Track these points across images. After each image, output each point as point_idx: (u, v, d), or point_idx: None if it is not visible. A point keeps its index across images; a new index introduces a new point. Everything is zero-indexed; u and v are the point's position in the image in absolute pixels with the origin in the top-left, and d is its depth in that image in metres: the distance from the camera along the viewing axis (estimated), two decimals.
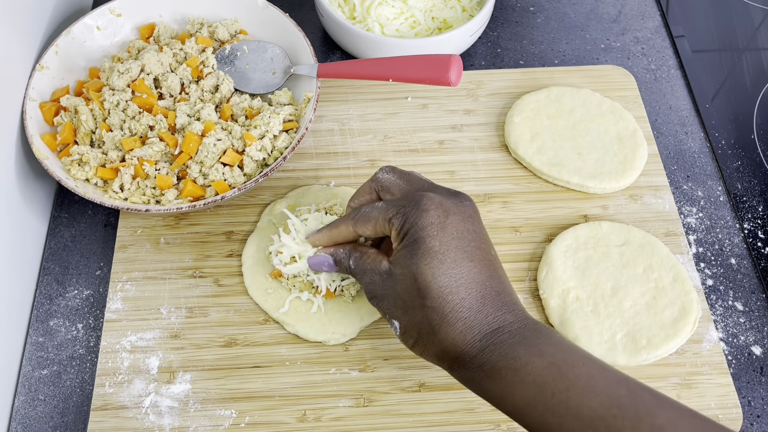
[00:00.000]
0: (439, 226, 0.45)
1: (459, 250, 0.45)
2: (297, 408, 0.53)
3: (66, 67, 0.65)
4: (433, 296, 0.44)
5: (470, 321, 0.44)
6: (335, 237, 0.52)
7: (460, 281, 0.44)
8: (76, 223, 0.62)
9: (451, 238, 0.45)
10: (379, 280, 0.47)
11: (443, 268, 0.44)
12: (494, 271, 0.46)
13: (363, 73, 0.61)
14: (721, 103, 0.72)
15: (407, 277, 0.45)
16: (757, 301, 0.59)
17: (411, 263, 0.45)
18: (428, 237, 0.45)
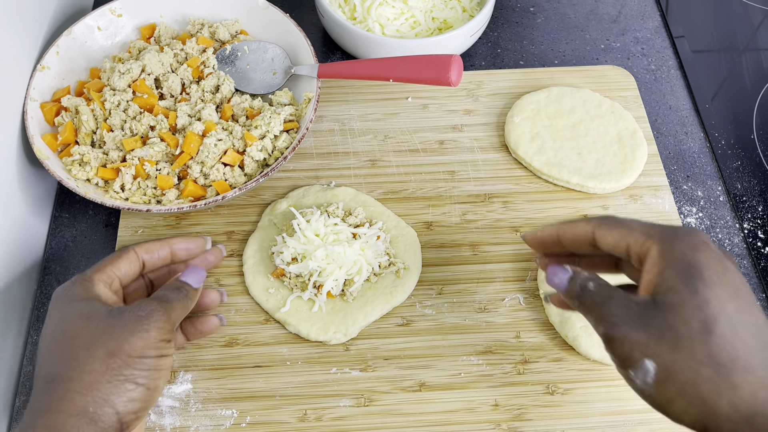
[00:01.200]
0: (721, 264, 0.38)
1: (745, 294, 0.37)
2: (298, 408, 0.53)
3: (67, 67, 0.65)
4: (724, 332, 0.36)
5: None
6: (565, 231, 0.44)
7: (755, 325, 0.37)
8: (77, 223, 0.62)
9: (737, 280, 0.38)
10: (635, 308, 0.38)
11: (735, 305, 0.36)
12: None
13: (363, 73, 0.62)
14: (720, 103, 0.72)
15: (688, 304, 0.37)
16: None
17: (696, 289, 0.37)
18: (712, 268, 0.37)
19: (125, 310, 0.44)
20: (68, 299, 0.45)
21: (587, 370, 0.55)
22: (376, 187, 0.64)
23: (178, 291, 0.47)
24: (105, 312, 0.44)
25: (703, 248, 0.38)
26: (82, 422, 0.39)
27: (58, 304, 0.46)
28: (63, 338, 0.43)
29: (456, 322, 0.57)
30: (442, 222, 0.62)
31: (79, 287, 0.46)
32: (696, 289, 0.37)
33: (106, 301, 0.46)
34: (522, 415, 0.53)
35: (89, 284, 0.46)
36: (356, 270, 0.55)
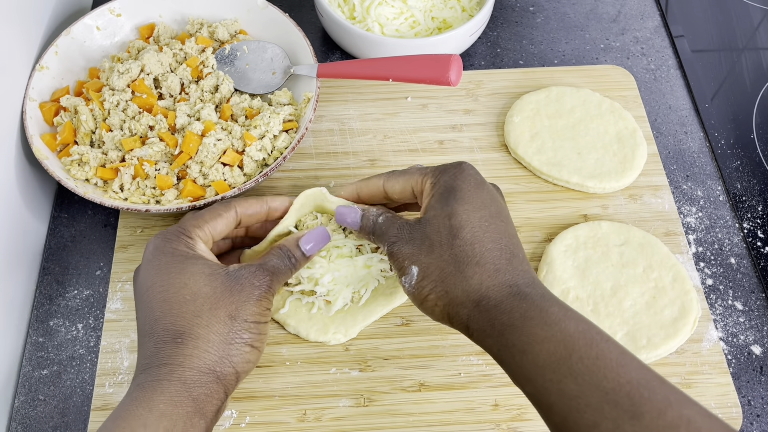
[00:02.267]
0: (477, 185, 0.47)
1: (492, 208, 0.46)
2: (297, 408, 0.53)
3: (66, 67, 0.65)
4: (465, 236, 0.44)
5: (500, 266, 0.43)
6: (362, 188, 0.53)
7: (492, 231, 0.45)
8: (76, 223, 0.62)
9: (487, 197, 0.46)
10: (407, 227, 0.47)
11: (477, 215, 0.45)
12: (519, 242, 0.47)
13: (363, 73, 0.61)
14: (720, 102, 0.72)
15: (439, 216, 0.45)
16: (757, 300, 0.60)
17: (446, 204, 0.46)
18: (466, 188, 0.46)
19: (241, 276, 0.46)
20: (180, 255, 0.46)
21: None
22: None
23: (288, 260, 0.49)
24: (224, 274, 0.45)
25: (462, 176, 0.47)
26: (210, 379, 0.42)
27: (167, 256, 0.46)
28: (185, 292, 0.44)
29: None
30: None
31: (183, 245, 0.47)
32: (447, 204, 0.46)
33: (211, 260, 0.47)
34: (522, 415, 0.53)
35: (192, 242, 0.47)
36: (363, 285, 0.55)
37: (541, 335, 0.40)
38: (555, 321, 0.40)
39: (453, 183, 0.47)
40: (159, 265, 0.45)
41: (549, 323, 0.40)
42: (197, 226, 0.48)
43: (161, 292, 0.44)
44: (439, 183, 0.47)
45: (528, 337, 0.40)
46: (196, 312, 0.43)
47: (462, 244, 0.44)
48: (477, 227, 0.44)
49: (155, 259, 0.46)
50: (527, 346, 0.40)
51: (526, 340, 0.40)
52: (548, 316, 0.40)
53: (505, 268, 0.44)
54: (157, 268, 0.45)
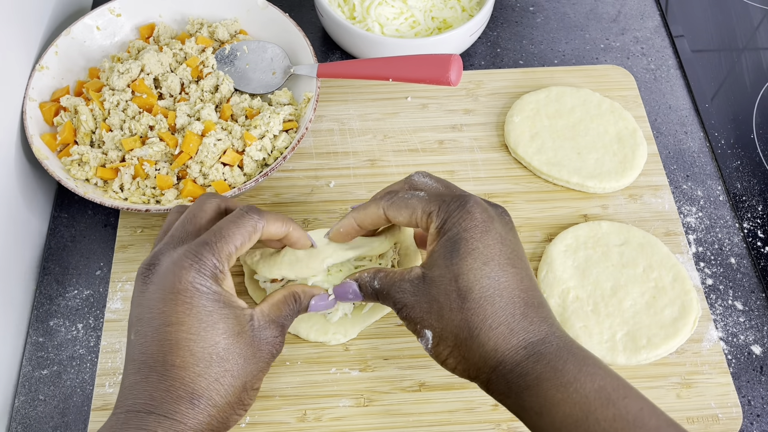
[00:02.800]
0: (484, 229, 0.43)
1: (502, 255, 0.43)
2: (297, 408, 0.53)
3: (66, 67, 0.65)
4: (475, 297, 0.42)
5: (514, 326, 0.41)
6: (361, 219, 0.48)
7: (504, 285, 0.42)
8: (76, 223, 0.62)
9: (495, 242, 0.43)
10: (410, 288, 0.44)
11: (486, 270, 0.42)
12: (534, 282, 0.44)
13: (363, 73, 0.62)
14: (720, 102, 0.72)
15: (445, 277, 0.43)
16: (757, 300, 0.60)
17: (452, 263, 0.43)
18: (472, 238, 0.43)
19: (264, 340, 0.43)
20: (213, 301, 0.41)
21: None
22: (376, 186, 0.64)
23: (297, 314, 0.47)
24: (250, 334, 0.43)
25: (467, 222, 0.43)
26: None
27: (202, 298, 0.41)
28: (212, 352, 0.41)
29: None
30: None
31: (216, 283, 0.42)
32: (452, 262, 0.43)
33: (240, 303, 0.43)
34: None
35: (223, 277, 0.43)
36: None
37: (556, 398, 0.39)
38: (570, 381, 0.39)
39: (458, 233, 0.43)
40: (192, 305, 0.41)
41: (564, 384, 0.39)
42: (230, 256, 0.43)
43: (187, 340, 0.40)
44: (443, 231, 0.44)
45: (544, 400, 0.39)
46: (218, 377, 0.41)
47: (473, 306, 0.42)
48: (486, 285, 0.42)
49: (188, 296, 0.41)
50: (543, 408, 0.39)
51: (542, 403, 0.39)
52: (563, 376, 0.39)
53: (519, 326, 0.42)
54: (188, 306, 0.41)
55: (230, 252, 0.43)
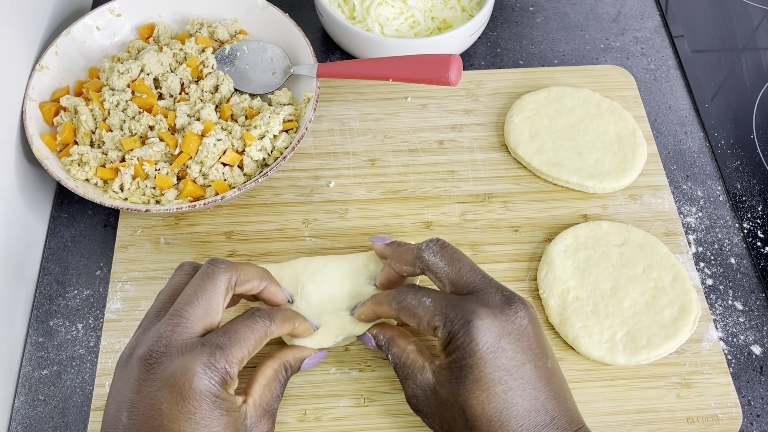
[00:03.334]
0: (490, 353, 0.42)
1: (512, 378, 0.42)
2: (297, 408, 0.53)
3: (66, 67, 0.65)
4: (483, 429, 0.41)
5: None
6: (379, 313, 0.50)
7: (512, 413, 0.41)
8: (76, 223, 0.62)
9: (503, 364, 0.42)
10: (422, 396, 0.45)
11: (494, 401, 0.41)
12: (551, 392, 0.43)
13: (363, 73, 0.62)
14: (720, 102, 0.72)
15: (454, 406, 0.43)
16: (757, 300, 0.60)
17: (458, 392, 0.42)
18: (476, 365, 0.42)
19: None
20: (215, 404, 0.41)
21: (587, 370, 0.55)
22: (376, 186, 0.64)
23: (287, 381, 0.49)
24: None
25: (471, 346, 0.42)
26: None
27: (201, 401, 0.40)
28: None
29: None
30: (441, 222, 0.62)
31: (223, 387, 0.42)
32: (458, 393, 0.42)
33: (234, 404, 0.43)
34: None
35: (232, 383, 0.43)
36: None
37: None
38: None
39: (463, 360, 0.42)
40: (194, 413, 0.40)
41: None
42: (242, 361, 0.43)
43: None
44: (448, 351, 0.43)
45: None
46: None
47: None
48: (493, 413, 0.41)
49: (194, 404, 0.40)
50: None
51: None
52: None
53: None
54: (191, 414, 0.40)
55: (242, 357, 0.43)
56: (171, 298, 0.45)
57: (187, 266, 0.47)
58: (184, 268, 0.47)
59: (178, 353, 0.41)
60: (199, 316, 0.43)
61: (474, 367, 0.42)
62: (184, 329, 0.43)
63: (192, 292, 0.44)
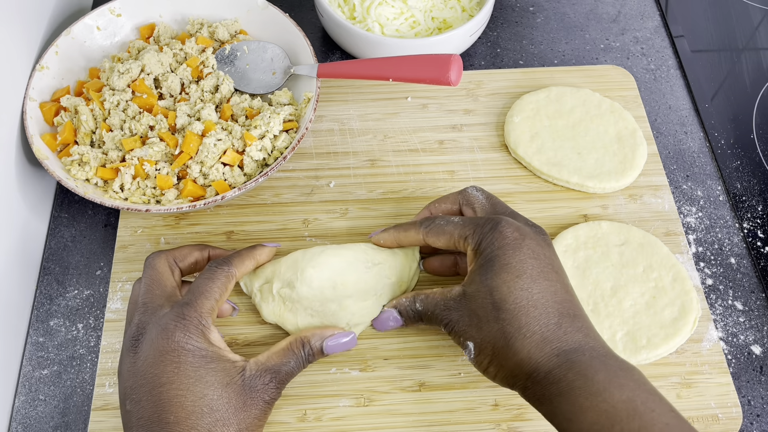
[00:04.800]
0: (515, 246, 0.46)
1: (535, 269, 0.46)
2: (297, 408, 0.53)
3: (66, 67, 0.65)
4: (509, 308, 0.44)
5: (547, 335, 0.44)
6: (401, 239, 0.53)
7: (537, 297, 0.45)
8: (77, 223, 0.62)
9: (527, 257, 0.46)
10: (453, 305, 0.48)
11: (519, 283, 0.45)
12: (570, 295, 0.47)
13: (363, 73, 0.62)
14: (720, 102, 0.72)
15: (482, 292, 0.46)
16: (757, 300, 0.60)
17: (486, 278, 0.46)
18: (504, 255, 0.46)
19: (255, 388, 0.45)
20: (201, 357, 0.44)
21: None
22: (376, 186, 0.64)
23: (306, 361, 0.49)
24: (240, 384, 0.45)
25: (500, 241, 0.47)
26: None
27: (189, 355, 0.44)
28: (202, 404, 0.43)
29: None
30: None
31: (203, 340, 0.45)
32: (487, 277, 0.46)
33: (230, 355, 0.46)
34: (522, 414, 0.53)
35: (209, 332, 0.46)
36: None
37: (585, 405, 0.40)
38: (600, 390, 0.41)
39: (491, 252, 0.47)
40: (179, 363, 0.43)
41: (593, 393, 0.41)
42: (212, 310, 0.47)
43: (178, 396, 0.43)
44: (479, 251, 0.47)
45: (573, 407, 0.41)
46: (210, 427, 0.42)
47: (507, 317, 0.44)
48: (519, 297, 0.45)
49: (176, 356, 0.44)
50: (573, 415, 0.41)
51: (572, 410, 0.41)
52: (593, 385, 0.41)
53: (553, 335, 0.44)
54: (176, 365, 0.43)
55: (211, 306, 0.47)
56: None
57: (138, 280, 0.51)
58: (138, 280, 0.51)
59: (153, 326, 0.45)
60: (159, 295, 0.48)
61: (502, 256, 0.46)
62: (152, 309, 0.47)
63: (145, 284, 0.49)
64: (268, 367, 0.47)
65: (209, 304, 0.47)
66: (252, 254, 0.53)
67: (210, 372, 0.44)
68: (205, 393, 0.43)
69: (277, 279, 0.53)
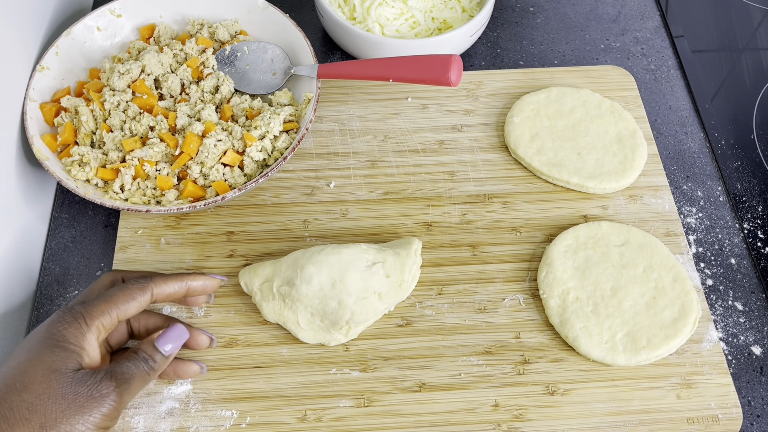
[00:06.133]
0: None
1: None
2: (298, 408, 0.53)
3: (66, 67, 0.65)
4: None
5: None
6: None
7: None
8: (77, 223, 0.62)
9: None
10: None
11: None
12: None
13: (363, 73, 0.62)
14: (720, 103, 0.72)
15: None
16: (757, 301, 0.60)
17: None
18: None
19: (84, 383, 0.43)
20: (54, 342, 0.43)
21: (587, 371, 0.55)
22: (376, 187, 0.64)
23: (145, 363, 0.46)
24: (69, 375, 0.42)
25: None
26: None
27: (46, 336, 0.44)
28: (20, 381, 0.42)
29: (456, 322, 0.57)
30: (441, 222, 0.62)
31: (72, 332, 0.44)
32: None
33: (85, 357, 0.44)
34: (522, 415, 0.53)
35: (84, 330, 0.45)
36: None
37: None
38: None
39: None
40: (36, 338, 0.44)
41: None
42: (104, 312, 0.45)
43: (11, 367, 0.43)
44: None
45: None
46: (12, 405, 0.41)
47: None
48: None
49: (39, 332, 0.44)
50: None
51: None
52: None
53: None
54: (33, 339, 0.44)
55: (105, 309, 0.46)
56: None
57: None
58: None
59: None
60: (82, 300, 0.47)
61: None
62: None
63: (107, 292, 0.48)
64: (105, 367, 0.45)
65: (103, 307, 0.46)
66: (180, 278, 0.51)
67: (50, 355, 0.43)
68: (27, 370, 0.42)
69: (277, 277, 0.54)
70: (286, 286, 0.53)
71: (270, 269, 0.55)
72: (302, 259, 0.54)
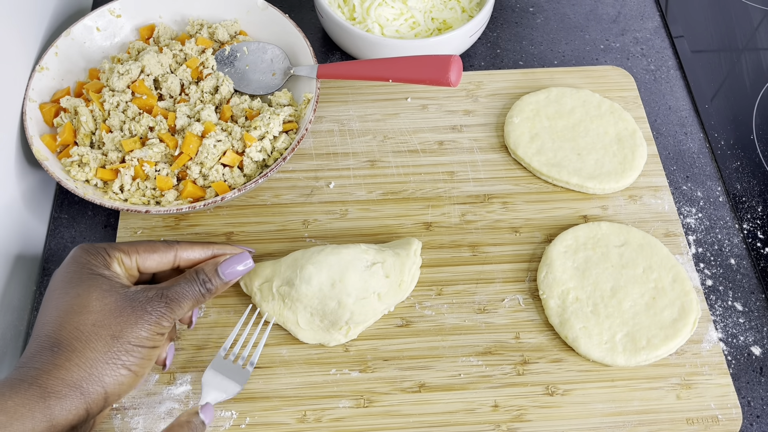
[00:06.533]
0: None
1: None
2: (297, 409, 0.53)
3: (66, 68, 0.65)
4: None
5: None
6: None
7: None
8: (76, 224, 0.62)
9: None
10: None
11: None
12: None
13: (363, 73, 0.62)
14: (720, 103, 0.72)
15: None
16: (757, 301, 0.60)
17: None
18: None
19: (136, 299, 0.46)
20: (88, 268, 0.47)
21: (587, 371, 0.55)
22: (376, 187, 0.64)
23: (202, 286, 0.50)
24: (121, 293, 0.46)
25: None
26: (74, 393, 0.43)
27: (77, 266, 0.47)
28: (75, 304, 0.45)
29: (455, 323, 0.57)
30: (441, 223, 0.62)
31: (99, 261, 0.47)
32: None
33: (121, 280, 0.48)
34: (522, 416, 0.53)
35: (108, 261, 0.48)
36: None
37: None
38: None
39: None
40: (68, 272, 0.47)
41: None
42: (124, 252, 0.49)
43: (57, 298, 0.46)
44: None
45: None
46: (78, 325, 0.44)
47: None
48: None
49: (68, 266, 0.47)
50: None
51: None
52: None
53: None
54: (64, 274, 0.47)
55: (126, 251, 0.49)
56: None
57: None
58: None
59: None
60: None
61: None
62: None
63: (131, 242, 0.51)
64: (156, 285, 0.48)
65: (124, 248, 0.49)
66: (207, 245, 0.53)
67: (93, 279, 0.46)
68: (80, 293, 0.45)
69: (276, 278, 0.54)
70: (285, 286, 0.53)
71: (269, 269, 0.55)
72: (302, 260, 0.54)
